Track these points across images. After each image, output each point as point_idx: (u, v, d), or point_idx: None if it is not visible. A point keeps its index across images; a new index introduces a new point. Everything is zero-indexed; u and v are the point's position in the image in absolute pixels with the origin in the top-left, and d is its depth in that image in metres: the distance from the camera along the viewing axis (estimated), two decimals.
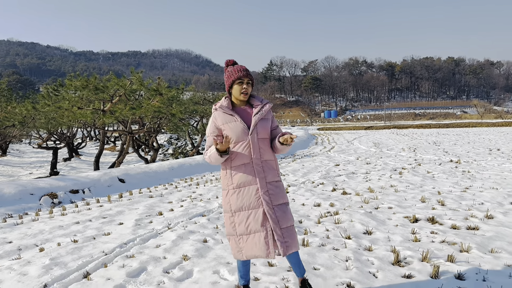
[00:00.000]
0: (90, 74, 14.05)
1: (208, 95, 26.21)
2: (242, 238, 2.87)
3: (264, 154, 2.90)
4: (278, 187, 2.94)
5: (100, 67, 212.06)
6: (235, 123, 2.86)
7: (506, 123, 48.48)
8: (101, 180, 8.70)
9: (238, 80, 2.90)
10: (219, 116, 2.93)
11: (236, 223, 2.90)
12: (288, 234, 2.83)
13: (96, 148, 30.66)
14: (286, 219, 2.87)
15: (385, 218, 5.57)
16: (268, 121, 2.96)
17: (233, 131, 2.85)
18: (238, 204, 2.87)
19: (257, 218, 2.81)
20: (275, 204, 2.86)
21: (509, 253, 4.01)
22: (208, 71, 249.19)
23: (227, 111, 2.91)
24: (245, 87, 2.91)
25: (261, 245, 2.79)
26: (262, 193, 2.82)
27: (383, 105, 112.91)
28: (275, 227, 2.79)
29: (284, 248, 2.77)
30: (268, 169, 2.91)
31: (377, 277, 3.52)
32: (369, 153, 16.57)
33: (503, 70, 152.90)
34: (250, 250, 2.84)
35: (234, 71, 2.92)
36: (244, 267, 3.12)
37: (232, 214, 2.92)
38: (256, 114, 2.90)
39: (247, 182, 2.85)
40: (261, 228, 2.80)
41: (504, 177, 8.85)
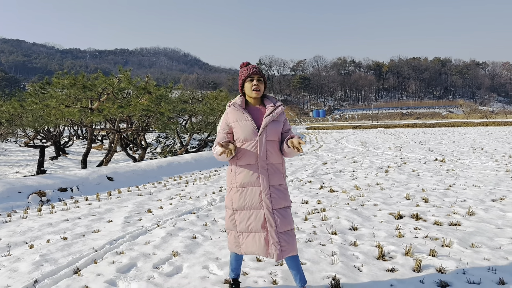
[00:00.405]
0: (77, 72, 13.97)
1: (197, 94, 26.24)
2: (242, 235, 2.93)
3: (271, 156, 2.89)
4: (281, 191, 2.92)
5: (87, 65, 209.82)
6: (245, 122, 2.87)
7: (490, 123, 49.34)
8: (89, 178, 8.70)
9: (248, 77, 2.91)
10: (231, 113, 2.94)
11: (237, 220, 2.94)
12: (285, 238, 2.84)
13: (83, 147, 30.44)
14: (285, 223, 2.87)
15: (371, 215, 5.71)
16: (279, 124, 2.94)
17: (243, 130, 2.86)
18: (240, 203, 2.90)
19: (258, 219, 2.85)
20: (276, 207, 2.86)
21: (489, 247, 4.16)
22: (197, 69, 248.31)
23: (239, 109, 2.92)
24: (256, 83, 2.90)
25: (261, 245, 2.84)
26: (264, 196, 2.83)
27: (371, 105, 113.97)
28: (272, 231, 2.81)
29: (279, 252, 2.80)
30: (274, 172, 2.90)
31: (362, 271, 3.63)
32: (356, 152, 16.78)
33: (488, 71, 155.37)
34: (250, 247, 2.89)
35: (244, 70, 2.95)
36: (236, 261, 3.18)
37: (233, 212, 2.96)
38: (268, 115, 2.88)
39: (251, 183, 2.87)
40: (262, 229, 2.84)
41: (486, 175, 9.08)
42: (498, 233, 4.66)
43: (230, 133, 2.96)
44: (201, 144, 20.98)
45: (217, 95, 20.11)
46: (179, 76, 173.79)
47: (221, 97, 19.48)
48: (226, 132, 2.97)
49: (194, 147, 22.53)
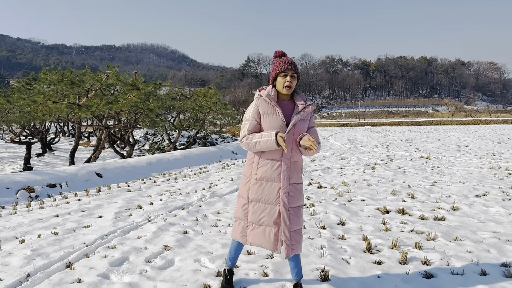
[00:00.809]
0: (64, 68, 13.84)
1: (185, 91, 26.13)
2: (251, 226, 2.94)
3: (294, 154, 2.87)
4: (299, 190, 2.92)
5: (73, 61, 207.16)
6: (276, 117, 2.81)
7: (475, 121, 50.19)
8: (78, 174, 8.67)
9: (282, 72, 2.82)
10: (262, 104, 2.86)
11: (249, 211, 2.94)
12: (295, 237, 2.87)
13: (69, 144, 30.13)
14: (297, 222, 2.89)
15: (358, 210, 5.83)
16: (306, 123, 2.90)
17: (272, 124, 2.80)
18: (257, 196, 2.89)
19: (272, 214, 2.84)
20: (292, 206, 2.86)
21: (472, 240, 4.31)
22: (185, 66, 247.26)
23: (271, 101, 2.83)
24: (289, 80, 2.80)
25: (271, 239, 2.85)
26: (282, 194, 2.81)
27: (358, 103, 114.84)
28: (285, 229, 2.82)
29: (289, 250, 2.84)
30: (294, 170, 2.89)
31: (350, 263, 3.74)
32: (344, 149, 16.96)
33: (473, 70, 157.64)
34: (258, 240, 2.90)
35: (279, 63, 2.85)
36: (236, 251, 3.18)
37: (247, 202, 2.96)
38: (297, 113, 2.83)
39: (272, 178, 2.84)
40: (274, 225, 2.85)
41: (470, 172, 9.30)
42: (481, 227, 4.82)
43: (260, 122, 2.90)
44: (190, 141, 20.95)
45: (206, 92, 20.06)
46: (167, 73, 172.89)
47: (210, 94, 19.42)
48: (258, 120, 2.89)
49: (182, 144, 22.47)
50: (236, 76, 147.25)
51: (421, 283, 3.28)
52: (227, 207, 6.21)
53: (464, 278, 3.35)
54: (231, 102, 53.57)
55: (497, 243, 4.21)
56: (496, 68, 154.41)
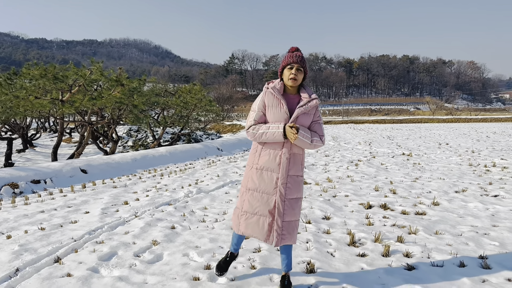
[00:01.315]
0: (45, 63, 13.65)
1: (169, 87, 26.01)
2: (245, 215, 3.00)
3: (295, 147, 2.94)
4: (297, 182, 2.99)
5: (53, 55, 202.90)
6: (280, 109, 2.90)
7: (455, 120, 51.20)
8: (63, 170, 8.61)
9: (288, 65, 2.93)
10: (268, 96, 2.97)
11: (245, 199, 3.02)
12: (288, 227, 2.94)
13: (51, 140, 29.71)
14: (292, 214, 2.95)
15: (342, 205, 5.97)
16: (309, 117, 2.97)
17: (275, 116, 2.90)
18: (255, 185, 2.97)
19: (268, 204, 2.91)
20: (288, 197, 2.93)
21: (451, 234, 4.48)
22: (168, 62, 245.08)
23: (277, 94, 2.92)
24: (294, 72, 2.89)
25: (264, 229, 2.92)
26: (280, 184, 2.89)
27: (341, 101, 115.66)
28: (278, 218, 2.90)
29: (279, 239, 2.90)
30: (294, 162, 2.95)
31: (335, 256, 3.86)
32: (328, 146, 17.16)
33: (454, 69, 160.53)
34: (250, 229, 2.97)
35: (288, 56, 2.95)
36: (238, 239, 3.25)
37: (246, 190, 3.04)
38: (300, 107, 2.90)
39: (271, 168, 2.92)
40: (268, 214, 2.91)
41: (450, 169, 9.55)
42: (460, 222, 5.00)
43: (265, 114, 3.00)
44: (174, 137, 20.91)
45: (191, 88, 20.02)
46: (150, 69, 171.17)
47: (195, 91, 19.40)
48: (263, 111, 3.00)
49: (167, 141, 22.41)
50: (221, 73, 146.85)
51: (403, 274, 3.41)
52: (214, 203, 6.28)
53: (444, 270, 3.49)
54: (216, 98, 53.44)
55: (475, 236, 4.38)
56: (476, 68, 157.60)
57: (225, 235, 4.55)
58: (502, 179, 8.06)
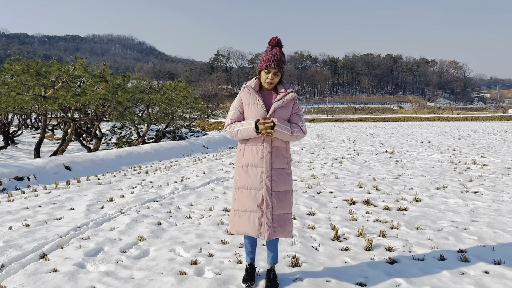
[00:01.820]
0: (28, 58, 13.44)
1: (154, 84, 25.81)
2: (237, 214, 3.05)
3: (276, 140, 2.98)
4: (283, 175, 3.02)
5: (35, 51, 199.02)
6: (256, 105, 2.97)
7: (437, 118, 52.07)
8: (46, 167, 8.51)
9: (265, 69, 2.95)
10: (245, 95, 3.05)
11: (236, 198, 3.07)
12: (278, 220, 2.97)
13: (33, 137, 29.22)
14: (281, 206, 2.99)
15: (327, 201, 6.07)
16: (287, 110, 3.01)
17: (253, 113, 2.97)
18: (242, 182, 3.03)
19: (256, 199, 2.96)
20: (275, 190, 2.98)
21: (432, 229, 4.60)
22: (152, 59, 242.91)
23: (252, 92, 3.00)
24: (270, 78, 2.94)
25: (255, 225, 2.96)
26: (265, 177, 2.94)
27: (326, 99, 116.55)
28: (267, 212, 2.93)
29: (270, 232, 2.93)
30: (277, 155, 2.99)
31: (319, 250, 3.94)
32: (313, 144, 17.31)
33: (436, 68, 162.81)
34: (243, 227, 3.01)
35: (265, 58, 2.95)
36: (248, 244, 3.24)
37: (236, 189, 3.10)
38: (277, 101, 2.95)
39: (255, 163, 2.98)
40: (258, 209, 2.96)
41: (432, 166, 9.76)
42: (440, 217, 5.14)
43: (242, 112, 3.08)
44: (159, 135, 20.79)
45: (176, 85, 19.89)
46: (134, 65, 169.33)
47: (180, 88, 19.29)
48: (241, 111, 3.07)
49: (151, 138, 22.26)
50: (206, 70, 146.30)
51: (385, 267, 3.51)
52: (199, 200, 6.31)
53: (425, 263, 3.60)
54: (201, 96, 53.23)
55: (455, 231, 4.51)
56: (458, 67, 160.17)
57: (211, 231, 4.59)
58: (481, 176, 8.28)
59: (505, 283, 3.14)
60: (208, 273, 3.41)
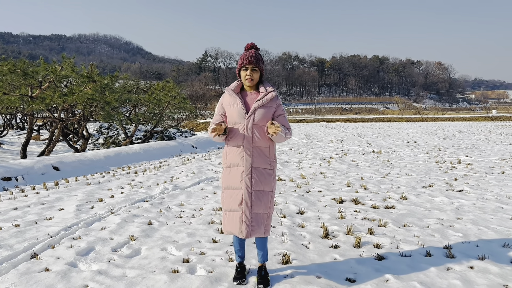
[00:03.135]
0: (12, 58, 13.29)
1: (141, 84, 25.67)
2: (225, 214, 3.11)
3: (257, 140, 3.01)
4: (263, 175, 3.05)
5: (20, 50, 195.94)
6: (236, 106, 3.03)
7: (423, 118, 52.70)
8: (34, 167, 8.45)
9: (243, 67, 3.03)
10: (225, 97, 3.13)
11: (223, 199, 3.14)
12: (257, 219, 3.01)
13: (18, 137, 28.82)
14: (259, 205, 3.02)
15: (316, 200, 6.16)
16: (269, 109, 3.04)
17: (233, 113, 3.03)
18: (227, 183, 3.10)
19: (237, 198, 3.01)
20: (255, 189, 3.01)
21: (419, 226, 4.72)
22: (139, 58, 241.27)
23: (232, 93, 3.08)
24: (249, 74, 3.01)
25: (237, 223, 3.01)
26: (244, 176, 2.99)
27: (314, 100, 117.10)
28: (246, 210, 2.98)
29: (248, 231, 2.98)
30: (258, 155, 3.03)
31: (309, 248, 4.01)
32: (301, 144, 17.43)
33: (422, 69, 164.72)
34: (229, 226, 3.07)
35: (242, 57, 3.04)
36: (237, 242, 3.27)
37: (223, 190, 3.17)
38: (258, 100, 3.01)
39: (236, 163, 3.04)
40: (238, 208, 3.01)
41: (418, 166, 9.93)
42: (426, 215, 5.26)
43: (225, 115, 3.15)
44: (147, 135, 20.68)
45: (164, 85, 19.84)
46: (121, 65, 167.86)
47: (168, 88, 19.26)
48: (221, 114, 3.16)
49: (139, 138, 22.14)
50: (193, 70, 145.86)
51: (373, 264, 3.60)
52: (190, 199, 6.34)
53: (412, 259, 3.69)
54: (189, 96, 53.04)
55: (441, 228, 4.63)
56: (443, 68, 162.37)
57: (202, 230, 4.64)
58: (466, 175, 8.46)
59: (489, 278, 3.24)
60: (200, 271, 3.45)
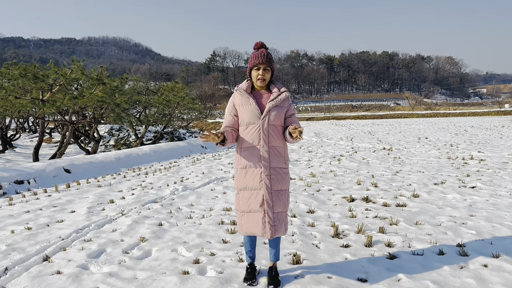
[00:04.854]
0: (24, 62, 13.43)
1: (151, 85, 25.82)
2: (244, 215, 3.09)
3: (272, 140, 3.01)
4: (281, 174, 3.06)
5: (31, 54, 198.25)
6: (249, 106, 3.01)
7: (434, 114, 52.17)
8: (46, 170, 8.54)
9: (255, 66, 3.01)
10: (237, 97, 3.09)
11: (240, 200, 3.11)
12: (278, 218, 3.03)
13: (30, 140, 29.18)
14: (279, 204, 3.03)
15: (326, 199, 6.12)
16: (282, 109, 3.05)
17: (247, 113, 3.01)
18: (243, 184, 3.06)
19: (257, 199, 3.00)
20: (274, 189, 3.02)
21: (431, 224, 4.66)
22: (149, 60, 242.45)
23: (244, 93, 3.05)
24: (261, 74, 2.99)
25: (259, 224, 3.00)
26: (264, 177, 2.98)
27: (323, 97, 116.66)
28: (269, 210, 2.98)
29: (273, 231, 2.98)
30: (275, 154, 3.03)
31: (320, 248, 3.98)
32: (311, 142, 17.36)
33: (432, 65, 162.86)
34: (250, 227, 3.06)
35: (253, 56, 3.02)
36: (250, 244, 3.28)
37: (238, 192, 3.14)
38: (272, 100, 3.01)
39: (253, 164, 3.01)
40: (260, 209, 3.00)
41: (430, 162, 9.82)
42: (439, 212, 5.19)
43: (237, 115, 3.11)
44: (157, 136, 20.78)
45: (173, 86, 19.90)
46: (130, 67, 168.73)
47: (177, 89, 19.31)
48: (234, 114, 3.11)
49: (149, 140, 22.26)
50: (202, 70, 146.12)
51: (385, 263, 3.56)
52: (200, 200, 6.35)
53: (424, 258, 3.65)
54: (198, 96, 53.15)
55: (453, 226, 4.57)
56: (454, 63, 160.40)
57: (212, 231, 4.63)
58: (479, 171, 8.34)
59: (503, 276, 3.19)
60: (211, 272, 3.45)
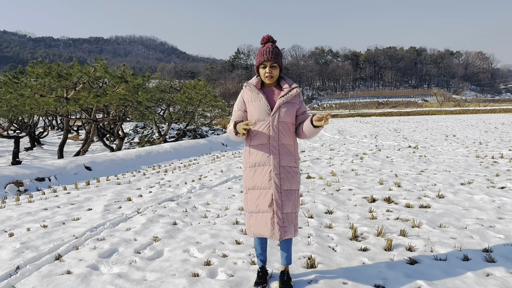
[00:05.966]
0: (52, 61, 13.72)
1: (175, 83, 26.00)
2: (252, 216, 2.97)
3: (283, 137, 2.90)
4: (290, 173, 2.94)
5: (60, 53, 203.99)
6: (259, 102, 2.90)
7: (463, 111, 50.74)
8: (67, 168, 8.64)
9: (261, 64, 2.90)
10: (247, 93, 2.99)
11: (248, 200, 2.99)
12: (288, 219, 2.89)
13: (58, 137, 29.90)
14: (289, 205, 2.90)
15: (345, 199, 5.92)
16: (293, 105, 2.94)
17: (256, 110, 2.90)
18: (251, 183, 2.95)
19: (266, 199, 2.88)
20: (283, 188, 2.89)
21: (456, 227, 4.41)
22: (174, 58, 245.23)
23: (254, 89, 2.95)
24: (268, 71, 2.89)
25: (268, 225, 2.88)
26: (273, 175, 2.86)
27: (348, 94, 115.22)
28: (278, 210, 2.85)
29: (282, 232, 2.85)
30: (285, 152, 2.92)
31: (336, 251, 3.81)
32: (333, 140, 17.08)
33: (462, 60, 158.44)
34: (258, 228, 2.93)
35: (259, 53, 2.91)
36: (260, 246, 3.15)
37: (246, 191, 3.02)
38: (282, 97, 2.89)
39: (262, 162, 2.90)
40: (268, 209, 2.87)
41: (457, 161, 9.44)
42: (464, 214, 4.93)
43: (246, 111, 3.01)
44: (180, 133, 20.90)
45: (196, 84, 19.98)
46: (156, 65, 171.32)
47: (200, 86, 19.37)
48: (244, 110, 3.01)
49: (172, 137, 22.43)
50: (226, 68, 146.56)
51: (405, 268, 3.36)
52: (216, 198, 6.26)
53: (447, 263, 3.43)
54: (221, 94, 53.44)
55: (480, 229, 4.31)
56: (485, 58, 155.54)
57: (226, 231, 4.53)
58: (509, 170, 7.95)
59: None
60: (221, 275, 3.34)
